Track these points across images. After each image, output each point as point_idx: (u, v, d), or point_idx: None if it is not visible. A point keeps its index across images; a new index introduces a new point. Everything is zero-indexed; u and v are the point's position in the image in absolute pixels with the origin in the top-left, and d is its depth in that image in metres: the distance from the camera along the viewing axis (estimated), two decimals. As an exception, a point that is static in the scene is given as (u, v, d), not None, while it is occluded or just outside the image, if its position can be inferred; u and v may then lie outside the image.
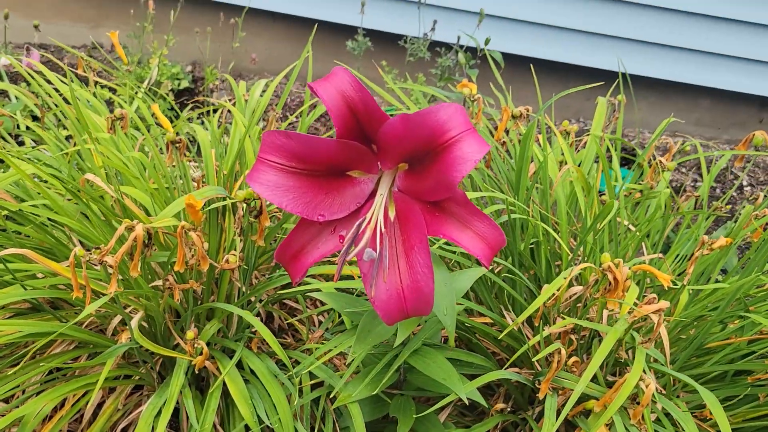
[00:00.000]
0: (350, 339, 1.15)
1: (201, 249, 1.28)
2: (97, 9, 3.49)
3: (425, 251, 0.83)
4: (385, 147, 0.83)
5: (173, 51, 3.41)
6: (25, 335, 1.34)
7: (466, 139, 0.76)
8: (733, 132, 3.61)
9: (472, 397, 1.17)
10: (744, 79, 3.39)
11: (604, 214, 1.41)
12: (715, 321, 1.38)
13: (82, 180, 1.48)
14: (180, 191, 1.69)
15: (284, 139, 0.80)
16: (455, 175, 0.77)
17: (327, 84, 0.80)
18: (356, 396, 1.15)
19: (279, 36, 3.52)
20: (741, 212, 2.34)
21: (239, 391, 1.32)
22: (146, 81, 2.49)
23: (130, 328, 1.29)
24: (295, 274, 0.91)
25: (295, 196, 0.84)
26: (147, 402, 1.35)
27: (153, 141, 1.78)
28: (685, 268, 1.71)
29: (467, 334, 1.47)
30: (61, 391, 1.32)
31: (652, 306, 1.14)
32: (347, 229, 0.88)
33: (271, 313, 1.69)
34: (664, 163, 1.48)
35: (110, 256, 1.15)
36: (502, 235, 0.83)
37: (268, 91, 1.86)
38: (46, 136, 1.78)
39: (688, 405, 1.41)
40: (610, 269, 1.20)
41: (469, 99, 1.57)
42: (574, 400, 1.10)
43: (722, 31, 3.26)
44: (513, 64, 3.05)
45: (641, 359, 1.15)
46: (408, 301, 0.84)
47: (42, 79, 1.80)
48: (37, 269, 1.43)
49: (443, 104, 0.76)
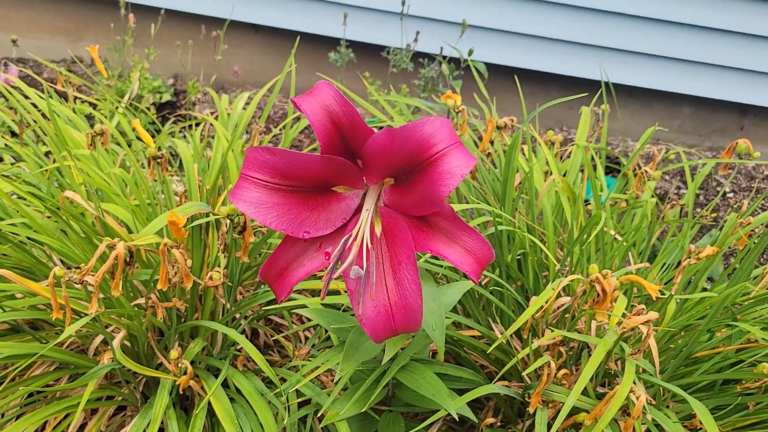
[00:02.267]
0: (338, 356, 1.13)
1: (184, 266, 1.26)
2: (75, 22, 3.46)
3: (413, 267, 0.81)
4: (371, 162, 0.81)
5: (154, 64, 3.39)
6: (4, 357, 1.31)
7: (453, 152, 0.75)
8: (714, 139, 3.64)
9: (462, 412, 1.16)
10: (724, 86, 3.42)
11: (592, 225, 1.41)
12: (703, 330, 1.38)
13: (62, 197, 1.45)
14: (162, 207, 1.67)
15: (267, 155, 0.79)
16: (442, 190, 0.76)
17: (311, 99, 0.78)
18: (344, 414, 1.13)
19: (261, 48, 3.50)
20: (725, 220, 2.35)
21: (225, 410, 1.29)
22: (127, 95, 2.47)
23: (112, 348, 1.26)
24: (280, 293, 0.89)
25: (279, 213, 0.82)
26: (131, 423, 1.32)
27: (134, 156, 1.76)
28: (672, 276, 1.71)
29: (455, 348, 1.46)
30: (41, 414, 1.29)
31: (642, 317, 1.13)
32: (333, 245, 0.87)
33: (256, 330, 1.67)
34: (650, 173, 1.48)
35: (91, 275, 1.13)
36: (491, 249, 0.82)
37: (252, 105, 1.85)
38: (25, 153, 1.75)
39: (678, 415, 1.40)
40: (598, 280, 1.19)
41: (454, 110, 1.56)
42: (565, 413, 1.09)
43: (703, 39, 3.29)
44: (495, 74, 3.05)
45: (631, 370, 1.14)
46: (396, 319, 0.83)
47: (20, 95, 1.77)
48: (16, 289, 1.40)
49: (429, 118, 0.75)
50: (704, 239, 2.31)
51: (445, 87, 2.71)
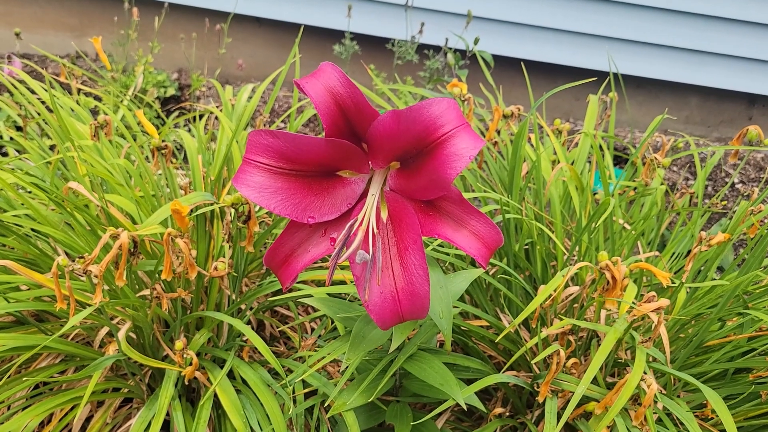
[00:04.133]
0: (344, 345, 1.11)
1: (189, 257, 1.25)
2: (79, 17, 3.45)
3: (420, 252, 0.80)
4: (376, 145, 0.80)
5: (158, 58, 3.38)
6: (9, 349, 1.30)
7: (460, 134, 0.74)
8: (722, 130, 3.61)
9: (470, 402, 1.14)
10: (733, 76, 3.38)
11: (600, 213, 1.39)
12: (714, 319, 1.36)
13: (66, 189, 1.44)
14: (166, 199, 1.65)
15: (271, 138, 0.77)
16: (449, 173, 0.74)
17: (314, 80, 0.77)
18: (351, 404, 1.12)
19: (265, 41, 3.49)
20: (735, 209, 2.33)
21: (231, 401, 1.28)
22: (131, 89, 2.45)
23: (117, 340, 1.25)
24: (285, 279, 0.87)
25: (283, 197, 0.81)
26: (136, 415, 1.31)
27: (138, 148, 1.74)
28: (681, 266, 1.69)
29: (463, 338, 1.45)
30: (47, 406, 1.28)
31: (652, 304, 1.11)
32: (338, 231, 0.85)
33: (262, 321, 1.66)
34: (659, 160, 1.46)
35: (95, 265, 1.12)
36: (499, 233, 0.81)
37: (255, 96, 1.83)
38: (29, 146, 1.74)
39: (689, 404, 1.39)
40: (608, 268, 1.18)
41: (460, 99, 1.55)
42: (575, 403, 1.08)
43: (711, 29, 3.26)
44: (500, 65, 3.03)
45: (642, 359, 1.12)
46: (403, 305, 0.81)
47: (25, 89, 1.76)
48: (21, 281, 1.39)
49: (435, 99, 0.74)
50: (714, 228, 2.28)
51: (450, 77, 2.69)
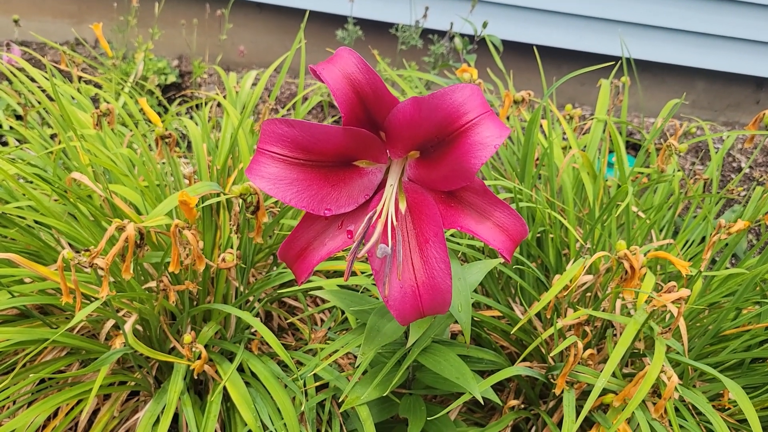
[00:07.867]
0: (357, 339, 1.09)
1: (196, 248, 1.22)
2: (78, 4, 3.40)
3: (441, 245, 0.77)
4: (395, 134, 0.76)
5: (159, 45, 3.33)
6: (14, 343, 1.28)
7: (485, 122, 0.70)
8: (729, 114, 3.57)
9: (486, 395, 1.12)
10: (739, 59, 3.34)
11: (617, 199, 1.36)
12: (732, 308, 1.33)
13: (69, 179, 1.41)
14: (171, 188, 1.62)
15: (286, 127, 0.74)
16: (474, 162, 0.71)
17: (331, 66, 0.74)
18: (366, 398, 1.09)
19: (266, 27, 3.44)
20: (744, 195, 2.30)
21: (241, 395, 1.26)
22: (132, 76, 2.41)
23: (124, 333, 1.22)
24: (300, 274, 0.84)
25: (299, 189, 0.77)
26: (144, 409, 1.29)
27: (141, 137, 1.71)
28: (695, 253, 1.66)
29: (476, 329, 1.42)
30: (54, 401, 1.26)
31: (672, 295, 1.09)
32: (355, 223, 0.82)
33: (270, 313, 1.63)
34: (675, 145, 1.42)
35: (101, 258, 1.09)
36: (524, 225, 0.78)
37: (260, 83, 1.80)
38: (30, 135, 1.70)
39: (705, 395, 1.36)
40: (627, 257, 1.15)
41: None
42: (596, 395, 1.05)
43: (717, 11, 3.21)
44: (506, 50, 2.98)
45: (662, 351, 1.10)
46: (424, 300, 0.79)
47: (24, 77, 1.72)
48: (25, 274, 1.36)
49: (458, 85, 0.70)
50: (727, 214, 2.25)
51: (457, 62, 2.65)
